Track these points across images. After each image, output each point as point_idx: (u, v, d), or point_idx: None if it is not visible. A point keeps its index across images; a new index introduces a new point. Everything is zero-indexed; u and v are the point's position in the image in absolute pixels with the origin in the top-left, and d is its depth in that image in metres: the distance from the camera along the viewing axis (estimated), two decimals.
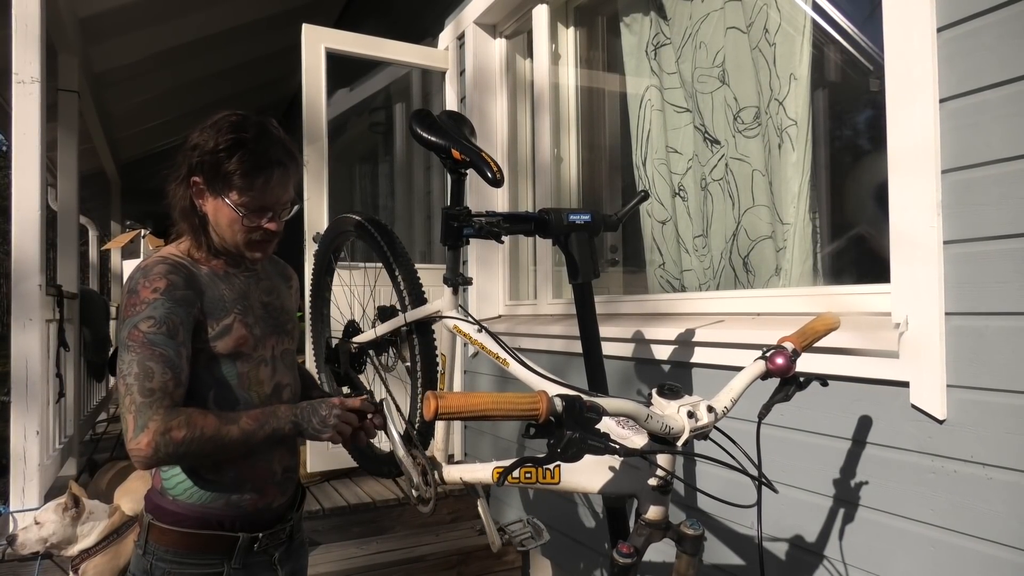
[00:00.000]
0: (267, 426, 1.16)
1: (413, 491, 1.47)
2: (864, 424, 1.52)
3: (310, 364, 2.93)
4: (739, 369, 1.14)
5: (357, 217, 1.81)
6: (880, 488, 1.49)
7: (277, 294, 1.36)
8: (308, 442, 3.07)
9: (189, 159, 1.20)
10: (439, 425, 1.62)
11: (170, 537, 1.18)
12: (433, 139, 1.44)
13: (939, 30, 1.40)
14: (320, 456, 3.13)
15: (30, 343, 2.56)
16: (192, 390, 1.19)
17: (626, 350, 2.17)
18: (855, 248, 2.04)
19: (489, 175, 1.36)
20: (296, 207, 1.27)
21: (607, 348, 2.16)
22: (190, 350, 1.17)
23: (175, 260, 1.21)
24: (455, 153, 1.41)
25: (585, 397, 0.85)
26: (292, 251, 1.61)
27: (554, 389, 1.08)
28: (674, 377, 2.02)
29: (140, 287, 1.15)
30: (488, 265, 3.19)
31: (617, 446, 0.85)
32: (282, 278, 1.42)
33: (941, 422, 1.38)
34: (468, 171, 1.46)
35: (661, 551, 1.42)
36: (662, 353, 2.05)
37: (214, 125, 1.20)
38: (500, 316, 3.19)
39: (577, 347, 1.51)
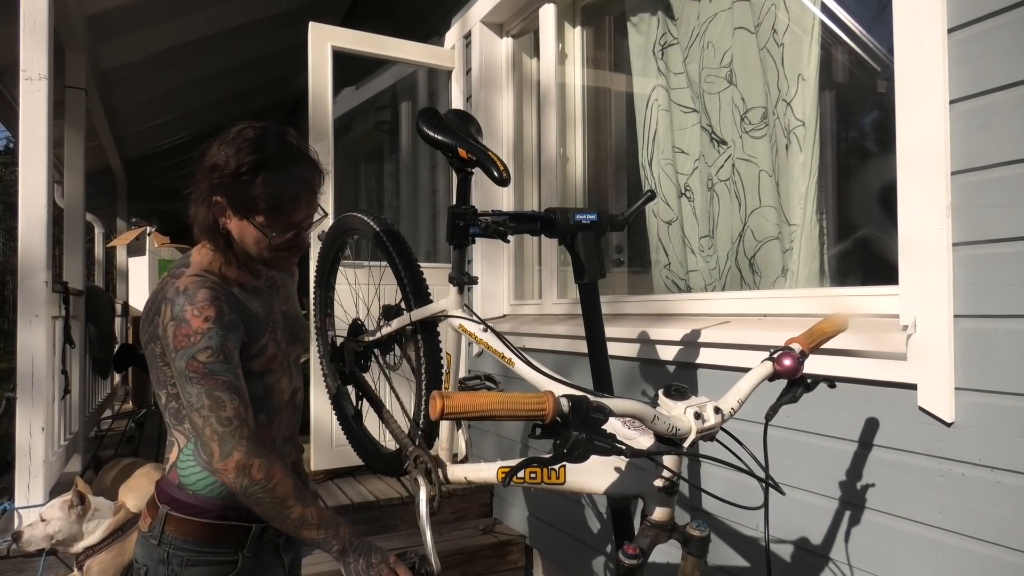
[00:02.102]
0: (322, 530, 1.18)
1: (422, 500, 1.46)
2: (871, 426, 1.52)
3: (315, 363, 2.93)
4: (745, 370, 1.13)
5: (362, 216, 1.81)
6: (887, 491, 1.48)
7: (290, 299, 1.38)
8: (312, 440, 3.08)
9: (209, 179, 1.15)
10: (444, 424, 1.61)
11: (189, 527, 1.20)
12: (440, 138, 1.44)
13: (950, 31, 1.39)
14: (324, 454, 3.13)
15: (36, 339, 2.56)
16: None
17: (631, 350, 2.16)
18: (862, 249, 2.02)
19: (496, 174, 1.36)
20: (324, 217, 1.26)
21: (612, 348, 2.16)
22: (242, 370, 1.19)
23: (213, 282, 1.19)
24: (462, 152, 1.41)
25: (591, 397, 0.84)
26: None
27: (560, 389, 1.08)
28: (680, 378, 2.01)
29: (189, 316, 1.13)
30: (493, 264, 3.19)
31: (624, 447, 0.84)
32: (289, 276, 1.44)
33: (949, 425, 1.37)
34: (474, 170, 1.46)
35: (667, 552, 1.42)
36: (668, 354, 2.04)
37: (233, 142, 1.15)
38: (505, 315, 3.19)
39: (582, 347, 1.51)
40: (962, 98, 1.37)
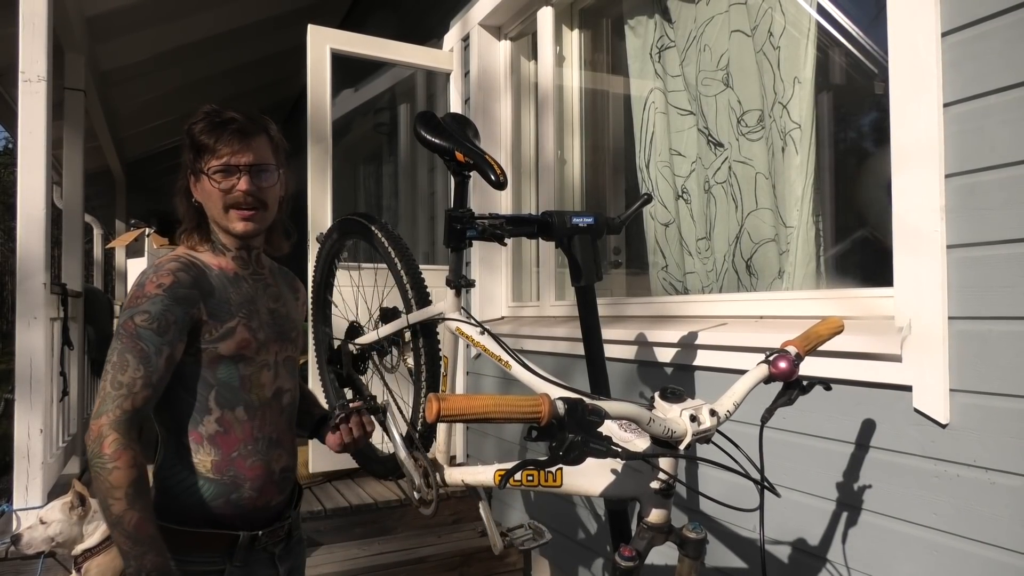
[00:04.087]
0: (129, 542, 1.09)
1: (415, 493, 1.47)
2: (867, 428, 1.52)
3: (312, 365, 2.93)
4: (742, 372, 1.14)
5: (361, 218, 1.81)
6: (883, 492, 1.49)
7: (283, 302, 1.38)
8: (310, 442, 3.08)
9: (184, 162, 1.28)
10: (441, 427, 1.62)
11: (170, 537, 1.18)
12: (437, 141, 1.44)
13: (944, 34, 1.40)
14: (322, 457, 3.13)
15: (34, 341, 2.57)
16: (193, 389, 1.21)
17: (629, 352, 2.17)
18: (858, 251, 2.03)
19: (492, 178, 1.36)
20: (278, 172, 1.29)
21: (610, 350, 2.16)
22: (178, 349, 1.18)
23: (188, 259, 1.24)
24: (459, 155, 1.41)
25: (587, 400, 0.85)
26: (296, 252, 1.61)
27: (556, 392, 1.08)
28: (677, 380, 2.02)
29: (147, 281, 1.18)
30: (492, 267, 3.20)
31: (619, 449, 0.85)
32: (290, 289, 1.44)
33: (944, 426, 1.37)
34: (471, 173, 1.46)
35: (664, 554, 1.42)
36: (665, 356, 2.05)
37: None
38: (504, 318, 3.19)
39: (581, 349, 1.51)
40: (956, 101, 1.38)
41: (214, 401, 1.22)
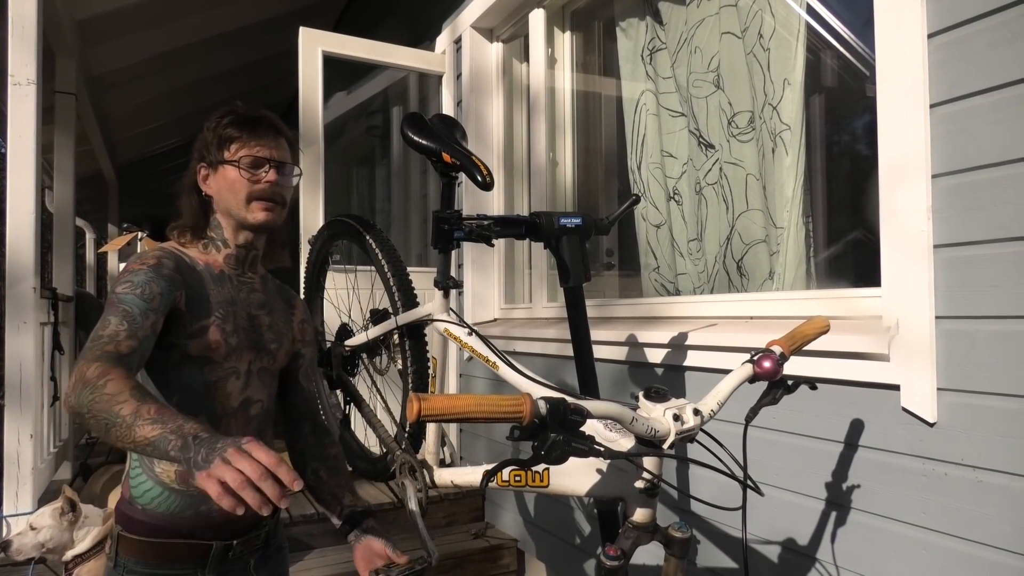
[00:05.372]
0: (158, 425, 0.90)
1: (411, 500, 1.46)
2: (856, 427, 1.52)
3: None
4: (731, 372, 1.14)
5: (350, 220, 1.81)
6: (872, 491, 1.49)
7: (270, 311, 1.34)
8: None
9: (195, 156, 1.27)
10: (431, 428, 1.61)
11: (140, 548, 1.15)
12: (424, 143, 1.44)
13: (930, 36, 1.40)
14: None
15: (24, 346, 2.55)
16: (155, 392, 1.17)
17: (620, 353, 2.17)
18: (848, 252, 2.04)
19: (479, 179, 1.36)
20: (299, 175, 1.30)
21: (602, 351, 2.17)
22: (159, 322, 1.12)
23: (174, 251, 1.24)
24: (446, 156, 1.41)
25: (570, 400, 0.85)
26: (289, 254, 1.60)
27: (541, 391, 1.08)
28: (667, 380, 2.02)
29: (130, 264, 1.18)
30: (483, 269, 3.19)
31: (601, 449, 0.85)
32: (285, 303, 1.39)
33: (932, 425, 1.38)
34: (459, 175, 1.46)
35: (655, 554, 1.42)
36: (656, 356, 2.05)
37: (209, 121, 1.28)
38: (495, 319, 3.19)
39: (571, 350, 1.51)
40: (942, 102, 1.38)
41: (176, 407, 1.14)
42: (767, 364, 1.08)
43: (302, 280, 2.49)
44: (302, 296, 2.17)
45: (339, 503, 1.31)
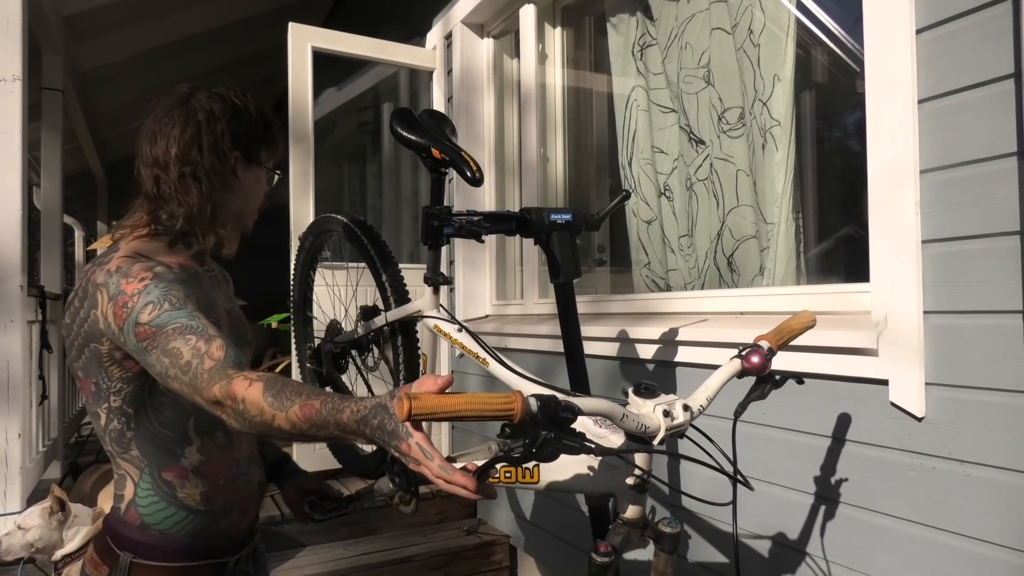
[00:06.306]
0: (321, 430, 0.88)
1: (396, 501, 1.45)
2: (844, 422, 1.53)
3: (293, 365, 2.91)
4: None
5: (340, 216, 1.80)
6: (861, 485, 1.50)
7: (231, 300, 1.29)
8: (294, 444, 3.05)
9: (223, 133, 1.13)
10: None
11: (158, 573, 1.10)
12: (413, 138, 1.44)
13: (918, 31, 1.41)
14: (306, 457, 3.11)
15: (12, 345, 2.53)
16: (167, 419, 1.10)
17: (612, 349, 2.17)
18: (837, 247, 2.05)
19: (468, 174, 1.36)
20: (278, 175, 1.27)
21: (593, 347, 2.17)
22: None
23: (144, 257, 1.08)
24: (435, 152, 1.40)
25: (561, 396, 0.85)
26: (278, 252, 1.59)
27: (531, 389, 1.08)
28: (658, 376, 2.02)
29: (124, 287, 1.01)
30: (475, 265, 3.19)
31: (592, 445, 0.84)
32: (227, 282, 1.31)
33: (920, 419, 1.38)
34: (449, 170, 1.46)
35: (646, 549, 1.42)
36: (647, 352, 2.05)
37: (232, 95, 1.16)
38: (488, 316, 3.19)
39: (563, 346, 1.51)
40: (930, 97, 1.39)
41: (193, 430, 1.12)
42: (755, 359, 1.08)
43: (291, 277, 2.48)
44: (291, 294, 2.16)
45: (263, 459, 1.35)
